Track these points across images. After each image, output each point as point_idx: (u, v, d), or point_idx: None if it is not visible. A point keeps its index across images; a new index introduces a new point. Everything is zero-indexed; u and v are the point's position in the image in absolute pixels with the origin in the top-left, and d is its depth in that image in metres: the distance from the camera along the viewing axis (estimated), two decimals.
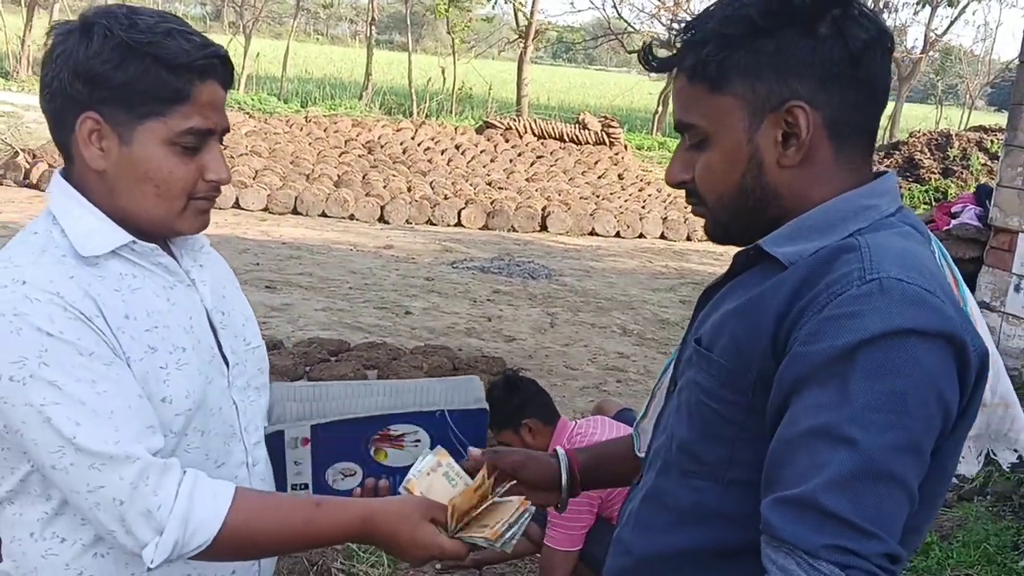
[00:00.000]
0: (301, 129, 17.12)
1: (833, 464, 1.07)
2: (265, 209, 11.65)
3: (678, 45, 1.30)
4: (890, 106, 29.52)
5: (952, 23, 27.09)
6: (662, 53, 1.34)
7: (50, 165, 11.52)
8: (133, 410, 1.38)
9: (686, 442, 1.35)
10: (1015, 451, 1.49)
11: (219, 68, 1.46)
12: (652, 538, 1.39)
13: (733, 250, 1.38)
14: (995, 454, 1.50)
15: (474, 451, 1.68)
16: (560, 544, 3.34)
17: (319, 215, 11.78)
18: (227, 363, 1.58)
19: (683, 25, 1.30)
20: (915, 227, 1.29)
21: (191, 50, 1.42)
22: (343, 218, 11.82)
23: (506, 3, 25.40)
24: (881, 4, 24.76)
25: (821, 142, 1.25)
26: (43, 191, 11.15)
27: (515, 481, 1.64)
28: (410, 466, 1.61)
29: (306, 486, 1.69)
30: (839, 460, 1.07)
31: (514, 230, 12.26)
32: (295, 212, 11.78)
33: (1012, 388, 1.46)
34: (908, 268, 1.16)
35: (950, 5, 25.21)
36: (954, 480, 1.58)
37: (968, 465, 1.48)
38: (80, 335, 1.36)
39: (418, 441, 1.71)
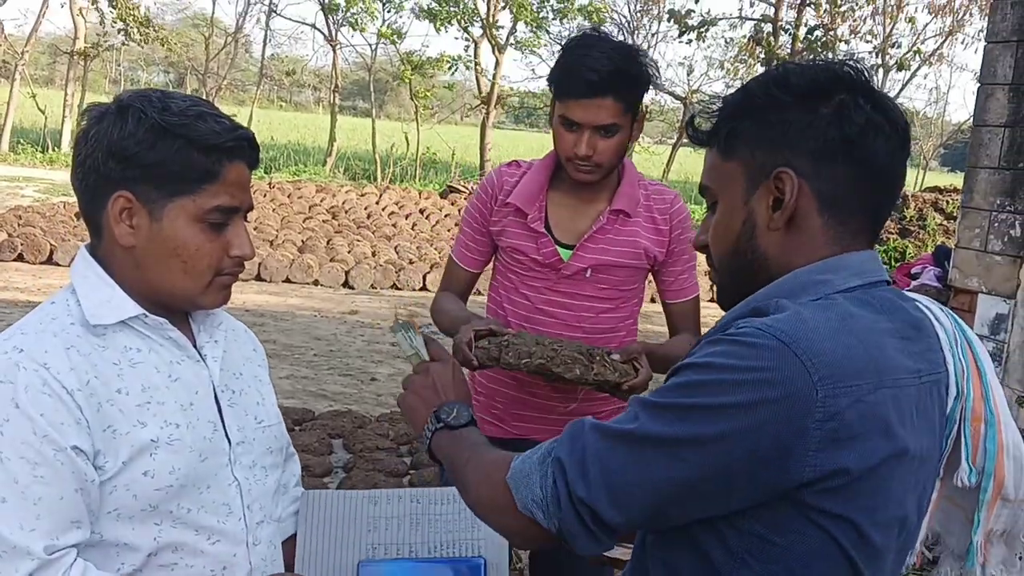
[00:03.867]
0: (265, 195, 17.11)
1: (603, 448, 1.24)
2: None
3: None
4: None
5: (904, 87, 27.79)
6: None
7: (9, 235, 11.38)
8: (64, 502, 1.40)
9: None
10: None
11: (247, 149, 1.55)
12: None
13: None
14: None
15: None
16: None
17: (283, 281, 11.70)
18: (230, 441, 1.60)
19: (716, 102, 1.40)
20: (869, 302, 1.27)
21: (221, 132, 1.50)
22: (307, 283, 11.75)
23: (467, 70, 25.73)
24: None
25: (810, 212, 1.29)
26: (2, 260, 11.04)
27: None
28: None
29: None
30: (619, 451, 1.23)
31: (480, 293, 12.22)
32: (258, 278, 11.69)
33: None
34: (781, 324, 1.18)
35: (900, 69, 25.86)
36: None
37: (1010, 573, 1.46)
38: (45, 411, 1.39)
39: None
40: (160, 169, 1.48)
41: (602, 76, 2.35)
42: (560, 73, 2.45)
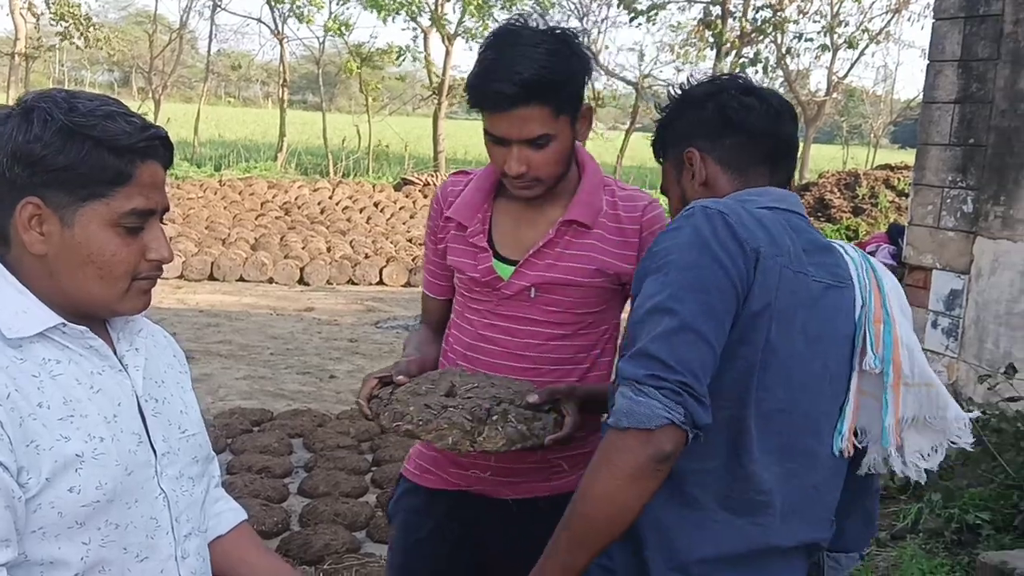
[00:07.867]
0: (215, 193, 16.91)
1: (660, 326, 1.56)
2: (180, 276, 11.40)
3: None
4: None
5: (852, 66, 28.13)
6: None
7: None
8: None
9: None
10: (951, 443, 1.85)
11: (160, 149, 1.49)
12: None
13: None
14: (925, 457, 1.85)
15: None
16: None
17: (237, 280, 11.58)
18: (155, 452, 1.54)
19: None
20: (780, 222, 1.71)
21: (133, 132, 1.44)
22: (262, 282, 11.63)
23: (415, 62, 25.57)
24: (784, 50, 25.52)
25: (719, 175, 1.86)
26: None
27: None
28: None
29: None
30: (664, 323, 1.56)
31: None
32: (211, 278, 11.56)
33: (929, 368, 1.82)
34: (717, 203, 1.67)
35: (850, 47, 26.10)
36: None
37: (928, 462, 1.84)
38: None
39: None
40: (70, 173, 1.40)
41: (517, 84, 1.96)
42: (472, 82, 2.04)
